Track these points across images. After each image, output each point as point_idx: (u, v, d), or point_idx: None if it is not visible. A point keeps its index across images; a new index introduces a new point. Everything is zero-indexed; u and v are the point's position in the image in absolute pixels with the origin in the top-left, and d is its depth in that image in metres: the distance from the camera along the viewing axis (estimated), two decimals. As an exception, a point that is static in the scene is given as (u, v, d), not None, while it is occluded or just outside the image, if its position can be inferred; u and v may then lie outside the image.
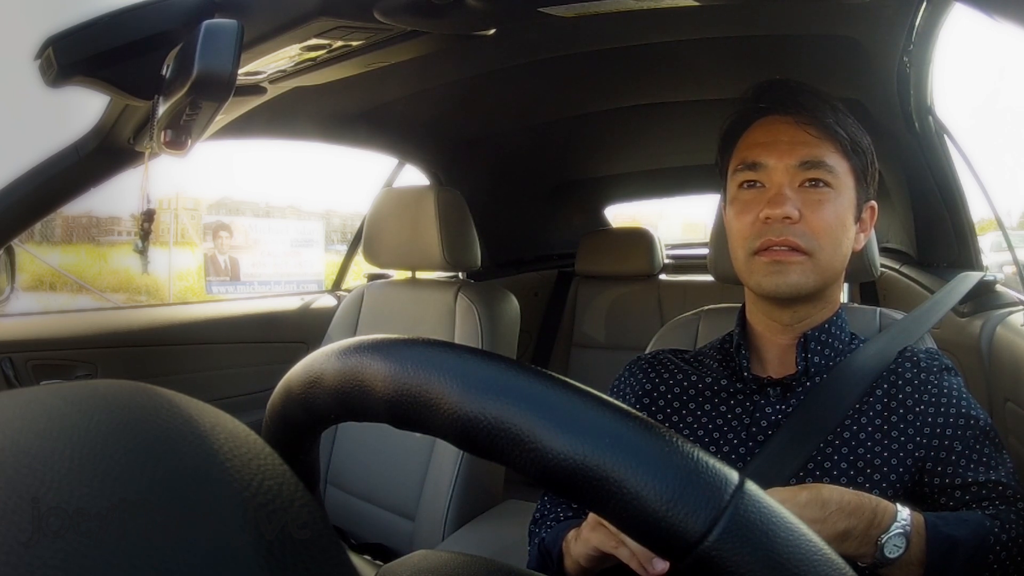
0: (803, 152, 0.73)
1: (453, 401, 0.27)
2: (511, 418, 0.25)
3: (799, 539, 0.24)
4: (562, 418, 0.25)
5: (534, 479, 0.26)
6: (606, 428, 0.25)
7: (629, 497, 0.24)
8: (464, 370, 0.27)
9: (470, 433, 0.26)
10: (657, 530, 0.24)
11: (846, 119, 0.75)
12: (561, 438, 0.25)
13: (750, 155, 0.75)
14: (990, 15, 0.50)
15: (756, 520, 0.24)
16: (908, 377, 0.74)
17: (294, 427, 0.33)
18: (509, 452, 0.26)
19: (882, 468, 0.70)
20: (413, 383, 0.28)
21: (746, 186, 0.76)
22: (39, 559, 0.15)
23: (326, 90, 1.11)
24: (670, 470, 0.24)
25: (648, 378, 0.83)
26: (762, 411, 0.75)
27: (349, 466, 1.50)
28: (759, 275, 0.74)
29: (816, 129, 0.73)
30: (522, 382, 0.26)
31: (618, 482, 0.24)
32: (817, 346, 0.76)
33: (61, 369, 1.42)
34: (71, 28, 0.78)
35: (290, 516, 0.19)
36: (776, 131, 0.74)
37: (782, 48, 1.28)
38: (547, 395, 0.26)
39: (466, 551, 0.42)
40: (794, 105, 0.74)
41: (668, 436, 0.25)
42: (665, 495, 0.24)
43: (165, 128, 0.82)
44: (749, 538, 0.23)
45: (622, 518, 0.24)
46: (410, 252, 1.49)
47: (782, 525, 0.24)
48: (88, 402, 0.20)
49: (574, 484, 0.25)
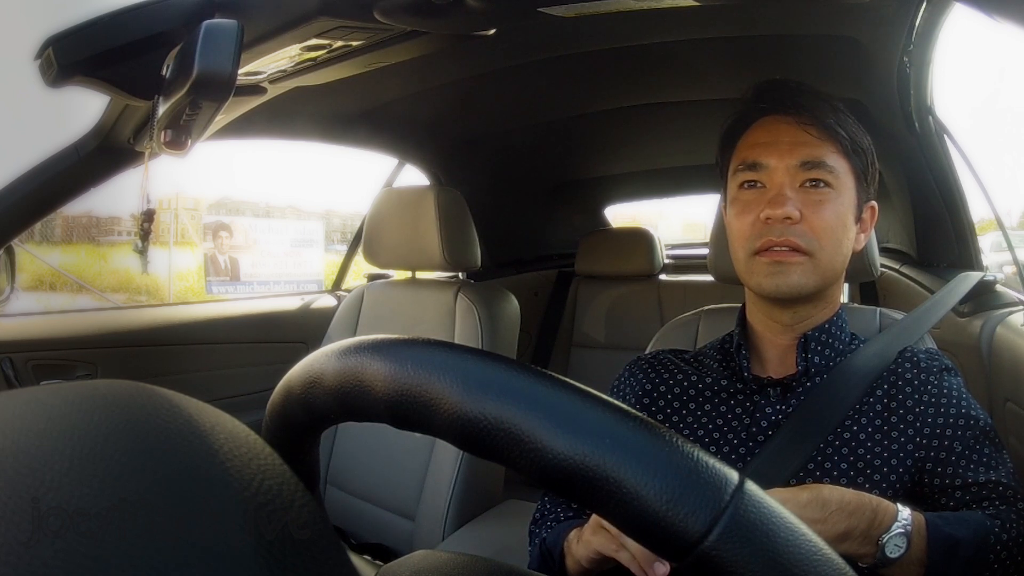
0: (804, 152, 0.73)
1: (454, 401, 0.26)
2: (511, 418, 0.25)
3: (799, 539, 0.24)
4: (562, 418, 0.25)
5: (535, 480, 0.26)
6: (606, 428, 0.25)
7: (629, 497, 0.24)
8: (465, 370, 0.27)
9: (470, 433, 0.26)
10: (657, 530, 0.24)
11: (847, 119, 0.75)
12: (561, 438, 0.25)
13: (751, 155, 0.75)
14: (990, 15, 0.50)
15: (756, 520, 0.24)
16: (908, 377, 0.74)
17: (294, 427, 0.33)
18: (509, 452, 0.26)
19: (882, 468, 0.70)
20: (414, 383, 0.28)
21: (747, 186, 0.76)
22: (39, 559, 0.15)
23: (326, 90, 1.11)
24: (670, 470, 0.24)
25: (648, 378, 0.83)
26: (762, 411, 0.75)
27: (349, 466, 1.50)
28: (760, 275, 0.74)
29: (817, 129, 0.73)
30: (522, 382, 0.26)
31: (617, 482, 0.24)
32: (817, 346, 0.76)
33: (61, 369, 1.42)
34: (71, 28, 0.78)
35: (290, 516, 0.19)
36: (777, 131, 0.74)
37: (782, 48, 1.28)
38: (547, 395, 0.26)
39: (466, 551, 0.43)
40: (795, 105, 0.74)
41: (668, 436, 0.25)
42: (665, 495, 0.24)
43: (165, 128, 0.82)
44: (749, 538, 0.23)
45: (622, 518, 0.24)
46: (410, 252, 1.49)
47: (782, 525, 0.24)
48: (88, 402, 0.20)
49: (574, 484, 0.25)
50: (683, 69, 1.41)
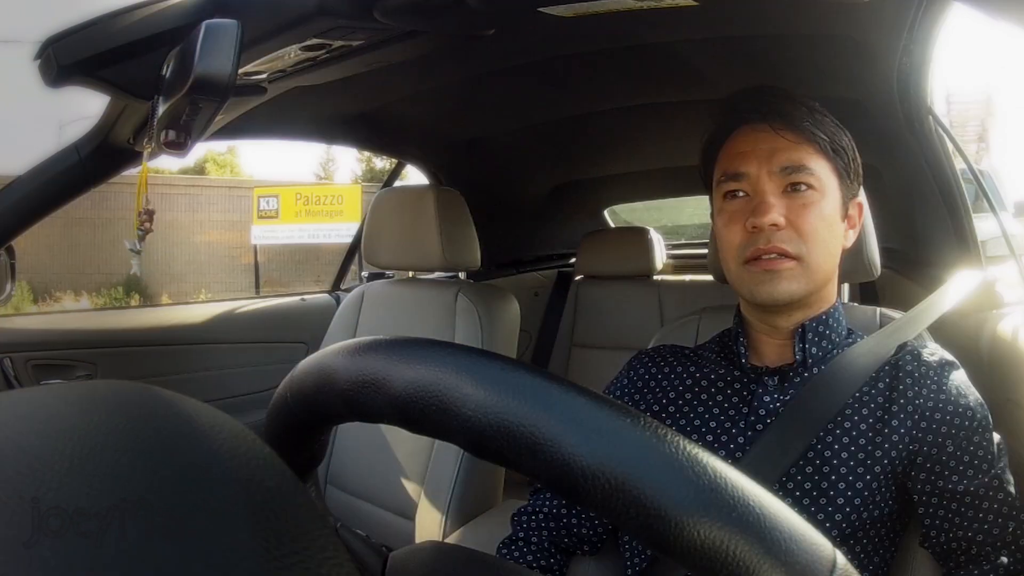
0: (783, 158, 0.74)
1: (473, 407, 0.26)
2: (550, 436, 0.25)
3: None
4: (595, 429, 0.25)
5: (568, 498, 0.26)
6: (703, 483, 0.24)
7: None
8: (493, 377, 0.27)
9: (487, 441, 0.26)
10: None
11: (823, 119, 0.76)
12: (594, 449, 0.25)
13: (731, 165, 0.76)
14: (990, 15, 0.50)
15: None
16: (909, 370, 0.74)
17: (297, 426, 0.33)
18: (532, 464, 0.26)
19: (882, 460, 0.70)
20: (432, 386, 0.27)
21: (730, 196, 0.77)
22: (39, 559, 0.15)
23: (326, 90, 1.11)
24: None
25: (648, 371, 0.85)
26: (760, 400, 0.76)
27: (349, 466, 1.50)
28: (751, 285, 0.74)
29: (793, 134, 0.74)
30: (564, 401, 0.26)
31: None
32: (815, 336, 0.77)
33: (61, 369, 1.42)
34: (71, 28, 0.78)
35: (290, 516, 0.19)
36: (754, 139, 0.75)
37: (782, 48, 1.27)
38: (588, 411, 0.25)
39: (466, 551, 0.42)
40: (770, 112, 0.75)
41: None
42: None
43: (165, 128, 0.82)
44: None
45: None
46: (410, 252, 1.49)
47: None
48: (88, 402, 0.20)
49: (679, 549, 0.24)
50: (683, 69, 1.41)
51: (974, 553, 0.68)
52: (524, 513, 0.86)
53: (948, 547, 0.70)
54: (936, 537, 0.70)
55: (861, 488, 0.70)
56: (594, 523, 0.83)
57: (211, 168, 14.25)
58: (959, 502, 0.69)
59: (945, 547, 0.70)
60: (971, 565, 0.68)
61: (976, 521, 0.68)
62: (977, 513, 0.68)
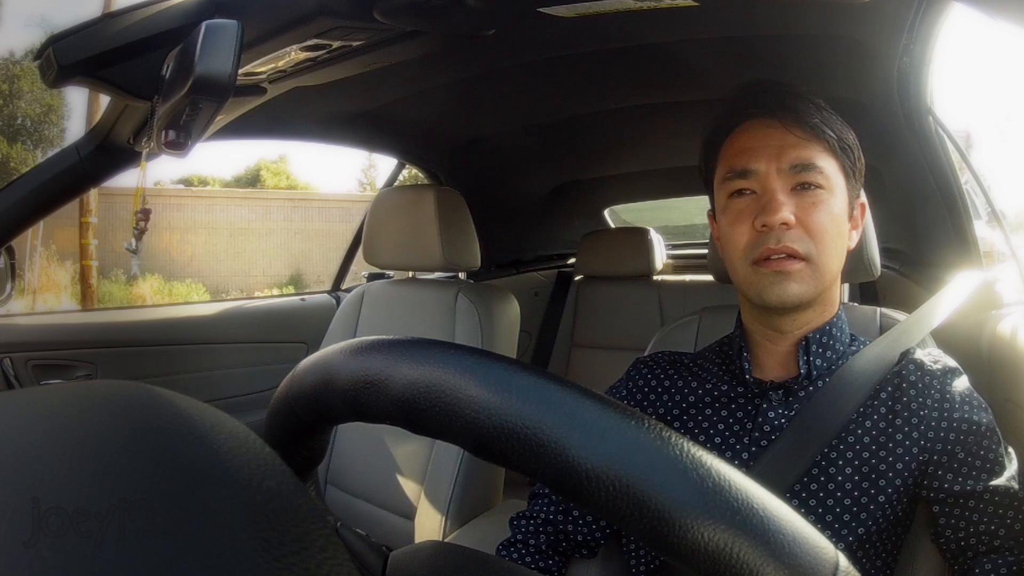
0: (793, 155, 0.71)
1: (479, 409, 0.26)
2: (555, 439, 0.25)
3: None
4: (598, 431, 0.25)
5: (565, 497, 0.25)
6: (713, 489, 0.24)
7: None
8: (499, 379, 0.26)
9: (492, 443, 0.26)
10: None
11: (831, 117, 0.74)
12: (596, 451, 0.24)
13: (738, 162, 0.73)
14: (990, 15, 0.50)
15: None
16: (912, 380, 0.73)
17: (298, 426, 0.33)
18: (537, 466, 0.25)
19: (887, 473, 0.69)
20: (436, 387, 0.27)
21: (737, 194, 0.74)
22: (39, 559, 0.15)
23: (326, 90, 1.11)
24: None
25: (647, 382, 0.83)
26: (765, 416, 0.74)
27: (349, 466, 1.50)
28: (760, 287, 0.72)
29: (803, 131, 0.72)
30: (574, 406, 0.26)
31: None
32: (819, 348, 0.75)
33: (61, 369, 1.42)
34: (72, 28, 0.78)
35: (290, 516, 0.19)
36: (763, 135, 0.73)
37: (781, 48, 1.27)
38: (595, 415, 0.25)
39: (466, 551, 0.42)
40: (779, 107, 0.72)
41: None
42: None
43: (165, 128, 0.82)
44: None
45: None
46: (410, 252, 1.49)
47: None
48: (88, 402, 0.20)
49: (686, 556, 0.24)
50: (683, 69, 1.41)
51: (985, 549, 0.68)
52: (522, 517, 0.85)
53: (965, 543, 0.69)
54: (952, 535, 0.69)
55: (867, 502, 0.69)
56: (591, 529, 0.82)
57: (266, 176, 14.44)
58: (977, 499, 0.68)
59: (962, 543, 0.69)
60: (984, 559, 0.68)
61: (996, 517, 0.67)
62: (997, 509, 0.67)
